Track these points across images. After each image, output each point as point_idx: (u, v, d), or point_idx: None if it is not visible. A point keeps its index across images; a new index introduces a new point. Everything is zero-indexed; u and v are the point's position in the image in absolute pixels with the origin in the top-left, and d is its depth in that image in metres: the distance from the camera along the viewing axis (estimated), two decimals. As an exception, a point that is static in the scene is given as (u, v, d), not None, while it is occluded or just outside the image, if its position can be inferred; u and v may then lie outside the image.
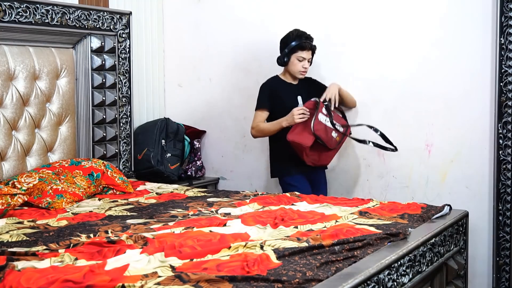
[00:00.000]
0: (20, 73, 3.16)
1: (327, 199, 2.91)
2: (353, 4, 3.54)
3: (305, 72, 3.34)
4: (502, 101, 3.09)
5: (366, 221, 2.47)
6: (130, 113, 3.75)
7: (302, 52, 3.27)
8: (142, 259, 1.95)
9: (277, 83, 3.40)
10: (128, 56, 3.70)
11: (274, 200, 2.87)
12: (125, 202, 2.96)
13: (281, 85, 3.40)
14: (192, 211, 2.71)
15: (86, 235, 2.30)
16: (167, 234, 2.24)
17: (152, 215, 2.66)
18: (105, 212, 2.75)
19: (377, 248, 2.12)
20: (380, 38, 3.47)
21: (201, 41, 4.15)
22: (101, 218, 2.63)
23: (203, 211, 2.72)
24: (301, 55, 3.27)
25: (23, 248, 2.10)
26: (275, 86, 3.39)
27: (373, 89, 3.51)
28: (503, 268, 3.15)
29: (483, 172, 3.20)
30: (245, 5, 3.94)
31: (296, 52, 3.28)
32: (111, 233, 2.31)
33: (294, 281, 1.73)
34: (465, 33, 3.20)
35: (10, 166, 3.12)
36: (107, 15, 3.55)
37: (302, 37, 3.27)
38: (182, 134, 4.00)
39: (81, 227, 2.44)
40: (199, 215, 2.63)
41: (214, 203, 2.88)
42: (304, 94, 3.39)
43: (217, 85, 4.11)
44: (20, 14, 3.08)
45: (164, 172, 3.79)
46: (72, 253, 2.03)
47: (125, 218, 2.62)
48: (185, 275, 1.75)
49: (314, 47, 3.31)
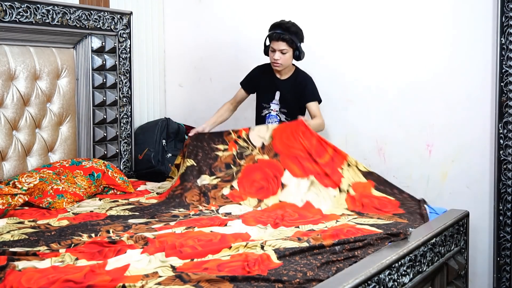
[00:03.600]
0: (21, 73, 3.16)
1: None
2: (354, 4, 3.54)
3: (276, 64, 3.21)
4: (502, 101, 3.09)
5: (367, 220, 2.47)
6: (131, 113, 3.75)
7: (272, 43, 3.19)
8: (143, 259, 1.95)
9: (263, 72, 3.38)
10: (128, 56, 3.70)
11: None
12: (126, 202, 2.97)
13: (265, 75, 3.36)
14: (193, 210, 2.72)
15: (88, 234, 2.30)
16: (168, 234, 2.24)
17: (154, 215, 2.66)
18: (106, 212, 2.75)
19: (378, 248, 2.12)
20: (380, 38, 3.46)
21: (202, 41, 4.15)
22: (102, 218, 2.63)
23: (204, 210, 2.72)
24: (272, 45, 3.20)
25: (24, 248, 2.10)
26: (258, 74, 3.39)
27: (373, 89, 3.50)
28: (504, 268, 3.15)
29: (483, 172, 3.20)
30: (245, 5, 3.94)
31: (270, 44, 3.22)
32: (113, 233, 2.31)
33: (294, 281, 1.73)
34: (465, 33, 3.20)
35: (11, 166, 3.12)
36: (108, 15, 3.55)
37: (276, 27, 3.19)
38: (182, 134, 4.00)
39: (82, 227, 2.45)
40: (200, 215, 2.63)
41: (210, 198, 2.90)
42: (285, 91, 3.30)
43: (218, 85, 4.11)
44: (20, 14, 3.08)
45: (165, 172, 3.79)
46: (73, 253, 2.03)
47: (127, 218, 2.62)
48: (186, 275, 1.76)
49: (287, 38, 3.15)
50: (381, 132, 3.48)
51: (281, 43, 3.16)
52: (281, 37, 3.15)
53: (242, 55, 3.98)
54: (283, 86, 3.32)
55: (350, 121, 3.57)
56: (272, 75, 3.34)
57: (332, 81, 3.60)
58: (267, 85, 3.34)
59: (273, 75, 3.34)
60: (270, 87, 3.34)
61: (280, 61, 3.20)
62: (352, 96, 3.53)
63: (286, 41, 3.16)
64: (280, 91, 3.32)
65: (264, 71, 3.38)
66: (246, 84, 3.44)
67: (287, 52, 3.19)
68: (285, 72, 3.32)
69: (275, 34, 3.17)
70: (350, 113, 3.57)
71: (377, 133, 3.49)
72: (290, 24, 3.19)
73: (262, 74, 3.38)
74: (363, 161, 3.54)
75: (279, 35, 3.16)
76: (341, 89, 3.60)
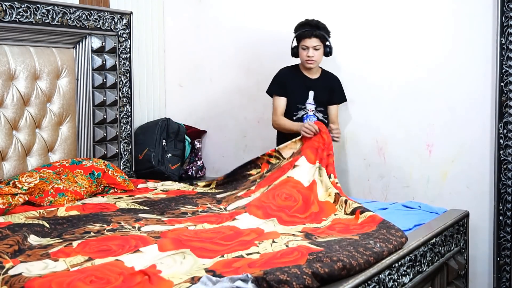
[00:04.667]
0: (21, 73, 3.16)
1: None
2: (354, 4, 3.54)
3: (311, 60, 3.22)
4: (502, 101, 3.09)
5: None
6: (131, 113, 3.75)
7: (304, 40, 3.19)
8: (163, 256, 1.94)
9: (291, 73, 3.33)
10: (128, 56, 3.70)
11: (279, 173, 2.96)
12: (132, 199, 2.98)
13: (294, 76, 3.31)
14: (202, 207, 2.75)
15: (100, 225, 2.34)
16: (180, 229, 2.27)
17: (163, 211, 2.68)
18: (116, 203, 2.80)
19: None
20: (380, 38, 3.46)
21: (202, 41, 4.15)
22: (113, 210, 2.68)
23: (212, 208, 2.74)
24: (304, 43, 3.20)
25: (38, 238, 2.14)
26: (287, 75, 3.32)
27: (373, 89, 3.50)
28: (504, 268, 3.15)
29: (483, 172, 3.20)
30: (245, 5, 3.94)
31: (300, 41, 3.22)
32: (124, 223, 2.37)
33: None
34: (465, 33, 3.20)
35: (11, 166, 3.12)
36: (108, 15, 3.55)
37: (305, 26, 3.21)
38: (182, 134, 4.00)
39: (94, 218, 2.49)
40: (208, 211, 2.66)
41: (223, 200, 2.92)
42: (318, 90, 3.30)
43: (218, 85, 4.11)
44: (20, 14, 3.08)
45: (165, 172, 3.79)
46: (84, 253, 2.01)
47: (137, 211, 2.66)
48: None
49: (319, 34, 3.19)
50: (381, 132, 3.48)
51: (313, 40, 3.18)
52: (313, 33, 3.17)
53: (242, 55, 3.98)
54: (315, 86, 3.30)
55: (350, 121, 3.58)
56: (302, 75, 3.31)
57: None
58: (298, 86, 3.29)
59: (303, 75, 3.31)
60: (302, 88, 3.29)
61: (314, 57, 3.21)
62: (352, 96, 3.53)
63: (318, 37, 3.19)
64: (313, 90, 3.29)
65: (292, 72, 3.33)
66: (279, 89, 3.31)
67: (320, 48, 3.22)
68: (314, 71, 3.32)
69: (307, 31, 3.18)
70: (350, 113, 3.57)
71: (377, 133, 3.49)
72: (316, 21, 3.23)
73: (290, 76, 3.32)
74: (363, 161, 3.56)
75: (311, 32, 3.17)
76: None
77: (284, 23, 3.59)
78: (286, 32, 3.38)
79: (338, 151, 3.46)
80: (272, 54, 3.80)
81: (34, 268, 1.87)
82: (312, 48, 3.19)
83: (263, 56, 3.86)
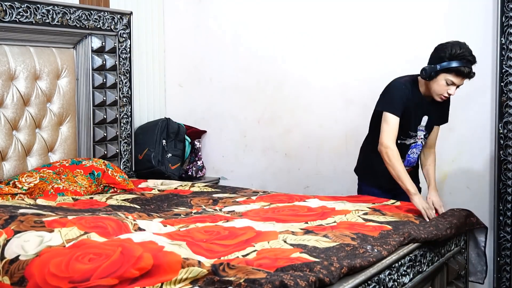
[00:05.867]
0: (21, 73, 3.16)
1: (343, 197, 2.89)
2: (353, 4, 3.54)
3: (445, 98, 2.70)
4: (503, 101, 3.09)
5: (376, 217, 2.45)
6: (131, 113, 3.75)
7: (455, 77, 2.60)
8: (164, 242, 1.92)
9: (415, 92, 2.76)
10: (128, 56, 3.70)
11: (285, 198, 2.85)
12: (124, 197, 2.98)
13: (414, 95, 2.76)
14: (196, 209, 2.70)
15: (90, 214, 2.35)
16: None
17: (155, 212, 2.65)
18: (106, 201, 2.80)
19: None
20: (380, 38, 3.47)
21: (202, 41, 4.15)
22: (103, 206, 2.68)
23: (207, 209, 2.70)
24: (452, 79, 2.60)
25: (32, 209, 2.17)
26: (412, 95, 2.75)
27: (373, 89, 3.50)
28: (504, 268, 3.15)
29: (484, 172, 3.20)
30: (245, 5, 3.94)
31: (448, 74, 2.60)
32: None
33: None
34: (465, 33, 3.20)
35: (11, 166, 3.12)
36: (108, 15, 3.55)
37: (463, 60, 2.56)
38: (183, 134, 4.00)
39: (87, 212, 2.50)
40: (202, 213, 2.61)
41: (219, 200, 2.87)
42: (432, 115, 2.83)
43: (218, 85, 4.11)
44: (20, 14, 3.08)
45: (165, 172, 3.79)
46: (80, 227, 1.99)
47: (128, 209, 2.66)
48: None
49: (472, 74, 2.61)
50: (381, 132, 3.47)
51: (464, 80, 2.63)
52: (470, 75, 2.60)
53: (242, 55, 3.98)
54: (430, 110, 2.80)
55: (350, 121, 3.57)
56: (420, 96, 2.77)
57: (332, 81, 3.60)
58: (415, 108, 2.76)
59: (421, 96, 2.77)
60: (417, 111, 2.78)
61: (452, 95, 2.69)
62: (352, 96, 3.53)
63: (470, 78, 2.63)
64: (428, 115, 2.81)
65: (411, 90, 2.76)
66: (400, 109, 2.70)
67: None
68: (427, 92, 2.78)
69: (467, 70, 2.58)
70: (350, 113, 3.57)
71: (377, 133, 3.48)
72: (474, 57, 2.62)
73: (411, 94, 2.75)
74: (363, 161, 3.55)
75: (469, 72, 2.59)
76: (341, 89, 3.60)
77: (284, 23, 3.59)
78: (285, 32, 3.38)
79: (338, 150, 3.46)
80: (272, 54, 3.80)
81: (30, 245, 1.86)
82: (457, 86, 2.65)
83: (263, 56, 3.86)
